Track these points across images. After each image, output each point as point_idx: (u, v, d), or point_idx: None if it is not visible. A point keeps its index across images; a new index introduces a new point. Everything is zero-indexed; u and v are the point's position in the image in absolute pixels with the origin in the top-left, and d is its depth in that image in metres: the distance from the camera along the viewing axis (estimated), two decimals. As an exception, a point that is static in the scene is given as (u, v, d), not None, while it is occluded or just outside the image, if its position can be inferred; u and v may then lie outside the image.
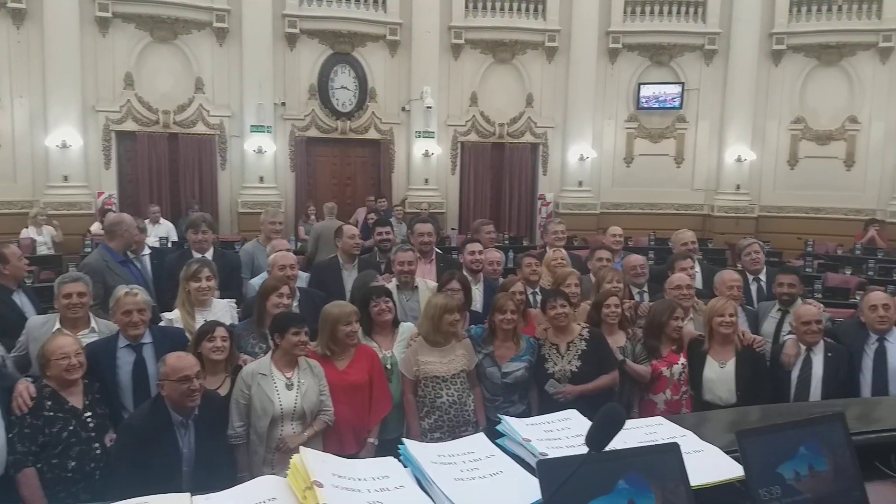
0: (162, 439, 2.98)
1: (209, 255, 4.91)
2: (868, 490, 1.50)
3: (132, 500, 1.39)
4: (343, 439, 3.53)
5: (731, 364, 3.91)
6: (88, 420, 3.13)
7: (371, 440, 3.58)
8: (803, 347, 3.95)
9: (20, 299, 4.38)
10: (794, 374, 3.94)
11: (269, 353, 3.46)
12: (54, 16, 10.66)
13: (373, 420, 3.60)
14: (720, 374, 3.92)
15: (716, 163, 13.60)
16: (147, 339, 3.56)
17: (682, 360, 4.01)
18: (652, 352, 4.02)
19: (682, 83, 13.45)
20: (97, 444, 3.12)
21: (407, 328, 4.02)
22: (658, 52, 13.43)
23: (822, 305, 4.59)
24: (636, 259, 5.29)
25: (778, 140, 13.44)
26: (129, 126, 11.59)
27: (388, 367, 3.82)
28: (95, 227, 9.92)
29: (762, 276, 5.20)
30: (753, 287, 5.21)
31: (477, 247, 5.10)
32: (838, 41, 12.79)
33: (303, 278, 4.90)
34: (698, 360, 4.01)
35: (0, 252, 4.35)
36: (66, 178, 11.02)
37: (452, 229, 12.47)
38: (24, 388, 3.08)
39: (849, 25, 12.74)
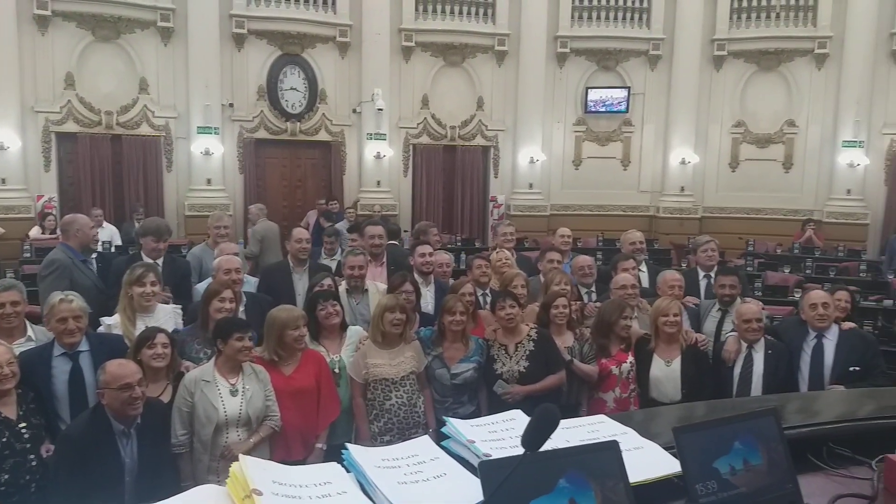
0: (103, 450, 2.90)
1: (159, 261, 4.80)
2: (801, 482, 1.55)
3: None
4: (290, 445, 3.49)
5: (676, 362, 4.02)
6: (23, 431, 3.03)
7: (319, 445, 3.55)
8: (745, 345, 4.07)
9: None
10: (736, 370, 4.06)
11: (213, 359, 3.40)
12: (-9, 14, 10.25)
13: (321, 425, 3.57)
14: (666, 373, 4.02)
15: (661, 165, 13.89)
16: (84, 346, 3.46)
17: (631, 358, 4.10)
18: (601, 350, 4.09)
19: (629, 88, 13.71)
20: (32, 456, 3.02)
21: (355, 332, 4.00)
22: (605, 57, 13.66)
23: (761, 303, 4.76)
24: (584, 260, 5.39)
25: (720, 143, 13.81)
26: (70, 127, 11.21)
27: (337, 370, 3.80)
28: (34, 232, 9.60)
29: (713, 274, 5.34)
30: (704, 283, 5.36)
31: (427, 249, 5.12)
32: (776, 47, 13.22)
33: (251, 283, 4.83)
34: (645, 358, 4.10)
35: None
36: (3, 181, 10.63)
37: (405, 231, 12.43)
38: None
39: (786, 32, 13.17)
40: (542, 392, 3.80)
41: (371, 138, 12.80)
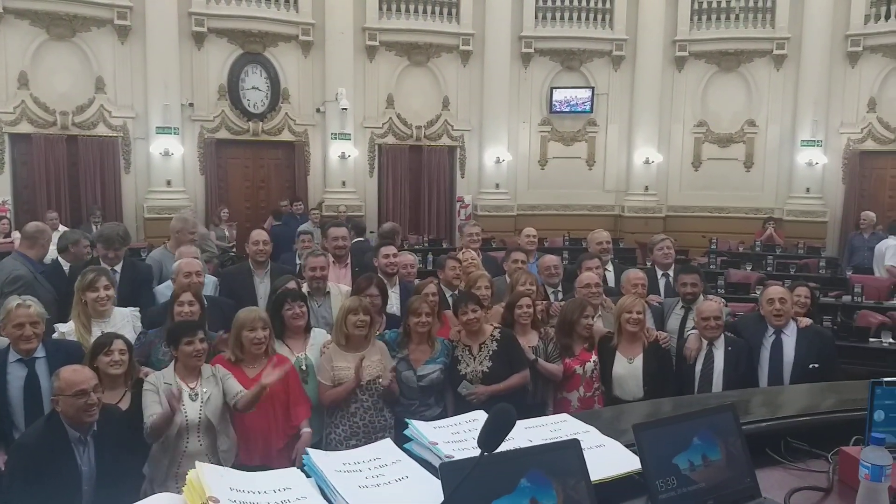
0: (58, 458, 2.82)
1: (118, 267, 4.69)
2: (759, 476, 1.57)
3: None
4: (251, 449, 3.44)
5: (638, 360, 4.06)
6: None
7: (306, 429, 3.53)
8: (705, 342, 4.12)
9: None
10: (698, 367, 4.11)
11: (172, 363, 3.34)
12: (-62, 10, 9.92)
13: (296, 420, 3.54)
14: (629, 370, 4.06)
15: (625, 165, 14.05)
16: (40, 353, 3.37)
17: (594, 357, 4.12)
18: (565, 350, 4.10)
19: (593, 88, 13.84)
20: None
21: (318, 334, 3.95)
22: (569, 58, 13.77)
23: (723, 300, 4.83)
24: (550, 259, 5.42)
25: (683, 142, 14.02)
26: (24, 128, 10.90)
27: (304, 367, 3.76)
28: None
29: (670, 272, 5.40)
30: (662, 282, 5.41)
31: (391, 249, 5.09)
32: (736, 48, 13.47)
33: (210, 285, 4.74)
34: (608, 355, 4.13)
35: None
36: (-47, 184, 10.28)
37: (371, 232, 12.36)
38: None
39: (745, 34, 13.41)
40: (507, 392, 3.79)
41: (335, 138, 12.70)
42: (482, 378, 3.85)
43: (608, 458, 1.56)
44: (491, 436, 1.19)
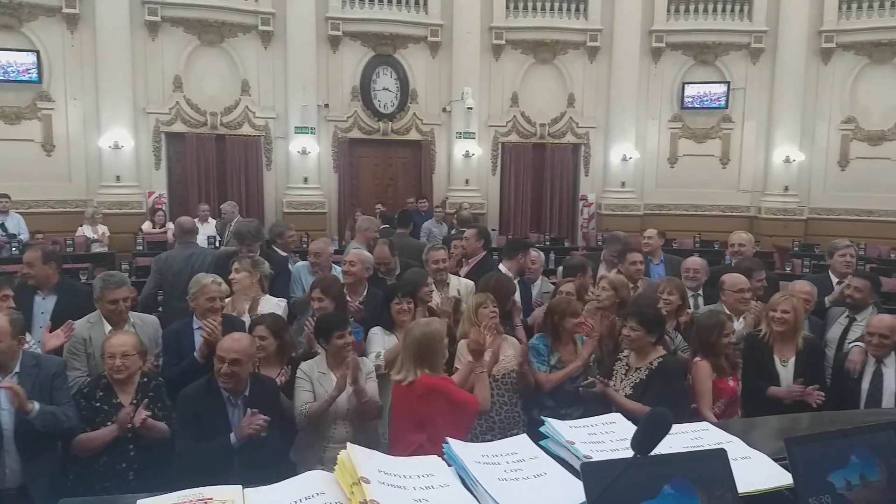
0: (213, 413, 3.14)
1: None
2: (924, 502, 1.47)
3: (188, 491, 1.44)
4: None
5: (791, 363, 3.82)
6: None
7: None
8: (872, 358, 3.82)
9: (42, 302, 4.33)
10: (864, 385, 3.82)
11: (324, 353, 3.52)
12: (106, 20, 10.99)
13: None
14: (783, 372, 3.83)
15: (763, 163, 13.31)
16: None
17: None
18: (719, 371, 3.65)
19: (728, 82, 13.19)
20: (132, 446, 3.16)
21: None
22: (703, 51, 13.20)
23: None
24: (693, 262, 5.16)
25: (828, 140, 13.08)
26: (178, 128, 11.88)
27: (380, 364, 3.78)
28: (147, 226, 10.19)
29: (847, 281, 5.02)
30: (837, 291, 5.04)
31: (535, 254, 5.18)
32: (891, 38, 12.37)
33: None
34: (764, 354, 3.89)
35: (25, 257, 4.47)
36: (118, 179, 11.34)
37: (493, 230, 12.45)
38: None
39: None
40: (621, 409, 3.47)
41: (460, 137, 12.89)
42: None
43: (755, 471, 1.51)
44: (646, 439, 1.19)
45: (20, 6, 10.67)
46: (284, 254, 5.66)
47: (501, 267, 5.11)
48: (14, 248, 8.83)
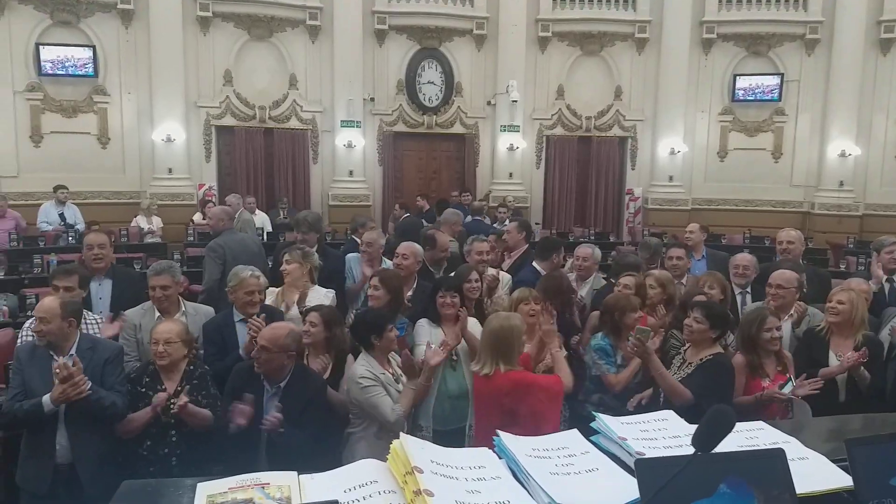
0: (252, 392, 3.20)
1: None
2: None
3: (245, 476, 1.48)
4: None
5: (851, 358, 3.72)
6: (171, 405, 3.23)
7: None
8: None
9: (98, 287, 4.44)
10: None
11: (367, 352, 3.47)
12: (159, 16, 11.26)
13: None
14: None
15: (817, 158, 12.93)
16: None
17: (790, 379, 3.54)
18: (753, 369, 3.57)
19: (782, 74, 12.83)
20: (174, 432, 3.25)
21: (475, 323, 3.95)
22: (755, 43, 12.86)
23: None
24: (742, 258, 5.08)
25: (886, 134, 12.63)
26: (228, 121, 12.11)
27: (454, 357, 3.79)
28: (197, 218, 10.43)
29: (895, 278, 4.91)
30: (887, 287, 4.96)
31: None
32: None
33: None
34: (820, 349, 3.80)
35: (84, 240, 4.64)
36: (170, 171, 11.63)
37: (536, 224, 12.39)
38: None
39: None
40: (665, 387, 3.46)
41: (504, 130, 12.83)
42: (665, 396, 3.51)
43: (813, 472, 1.48)
44: (709, 436, 1.18)
45: (78, 2, 11.00)
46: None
47: (536, 266, 5.08)
48: (71, 238, 9.17)
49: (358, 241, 5.50)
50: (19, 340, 3.82)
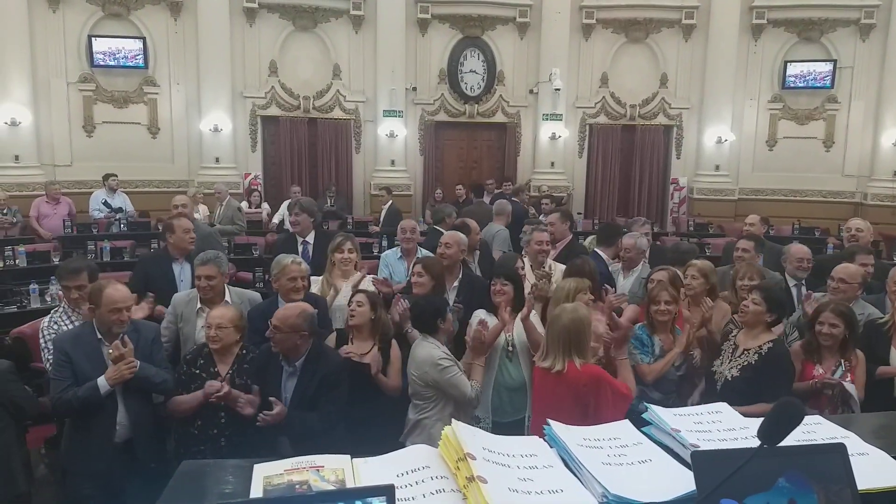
0: (270, 375, 3.36)
1: (309, 237, 5.61)
2: None
3: (300, 458, 1.52)
4: None
5: None
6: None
7: None
8: None
9: (180, 270, 4.71)
10: None
11: (434, 338, 3.54)
12: (207, 8, 11.43)
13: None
14: None
15: (870, 147, 12.49)
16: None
17: (842, 368, 3.48)
18: (809, 354, 3.56)
19: (835, 61, 12.42)
20: (223, 413, 3.34)
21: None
22: (807, 28, 12.46)
23: None
24: (800, 250, 4.99)
25: (944, 122, 12.13)
26: (273, 111, 12.26)
27: (510, 349, 3.80)
28: (243, 206, 10.61)
29: None
30: None
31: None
32: None
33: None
34: (880, 341, 3.71)
35: (168, 223, 4.79)
36: (217, 160, 11.83)
37: (578, 214, 12.28)
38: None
39: None
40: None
41: (547, 119, 12.71)
42: (723, 384, 3.49)
43: (873, 468, 1.45)
44: (776, 429, 1.17)
45: (129, -5, 11.29)
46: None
47: (599, 252, 5.14)
48: (123, 224, 9.42)
49: (442, 231, 5.45)
50: (43, 333, 3.77)
